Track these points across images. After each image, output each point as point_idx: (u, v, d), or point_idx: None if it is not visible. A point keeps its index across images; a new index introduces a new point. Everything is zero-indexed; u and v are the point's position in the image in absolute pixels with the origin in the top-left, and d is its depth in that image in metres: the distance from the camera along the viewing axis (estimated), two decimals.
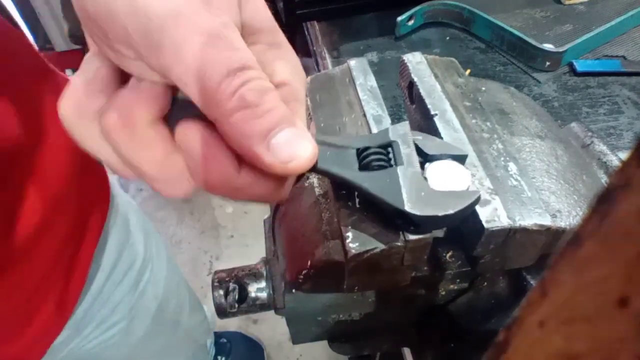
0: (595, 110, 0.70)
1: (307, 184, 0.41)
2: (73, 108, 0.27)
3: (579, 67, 0.76)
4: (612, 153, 0.47)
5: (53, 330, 0.56)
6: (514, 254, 0.35)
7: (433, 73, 0.44)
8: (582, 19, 0.85)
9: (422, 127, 0.43)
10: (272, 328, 1.47)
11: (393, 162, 0.33)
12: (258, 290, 0.44)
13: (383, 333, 0.50)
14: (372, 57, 0.84)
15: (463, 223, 0.36)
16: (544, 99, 0.73)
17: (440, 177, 0.32)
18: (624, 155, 0.21)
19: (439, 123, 0.39)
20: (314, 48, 0.89)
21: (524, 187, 0.35)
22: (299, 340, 0.48)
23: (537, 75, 0.77)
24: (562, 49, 0.76)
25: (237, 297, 0.43)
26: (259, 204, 0.32)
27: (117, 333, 0.67)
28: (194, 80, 0.24)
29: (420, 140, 0.34)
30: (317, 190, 0.39)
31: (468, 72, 0.78)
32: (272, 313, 0.45)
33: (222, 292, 0.44)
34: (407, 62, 0.45)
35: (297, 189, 0.42)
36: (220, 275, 0.45)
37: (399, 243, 0.32)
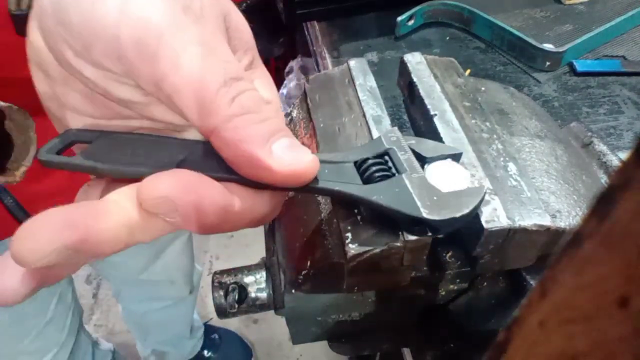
0: (595, 110, 0.70)
1: None
2: None
3: (579, 67, 0.76)
4: (612, 153, 0.47)
5: None
6: (514, 254, 0.35)
7: (432, 73, 0.44)
8: (582, 19, 0.85)
9: (421, 127, 0.43)
10: (272, 328, 1.47)
11: (394, 170, 0.32)
12: (258, 290, 0.44)
13: (383, 333, 0.50)
14: (372, 57, 0.84)
15: (464, 224, 0.36)
16: (544, 99, 0.73)
17: (440, 178, 0.33)
18: (624, 155, 0.21)
19: (439, 123, 0.39)
20: (314, 48, 0.89)
21: (524, 187, 0.35)
22: (299, 340, 0.48)
23: (537, 75, 0.77)
24: (562, 49, 0.76)
25: (237, 297, 0.43)
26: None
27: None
28: (191, 89, 0.24)
29: (414, 144, 0.34)
30: None
31: (468, 72, 0.78)
32: (272, 313, 0.45)
33: (222, 292, 0.44)
34: (406, 62, 0.45)
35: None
36: (220, 275, 0.45)
37: (399, 243, 0.31)
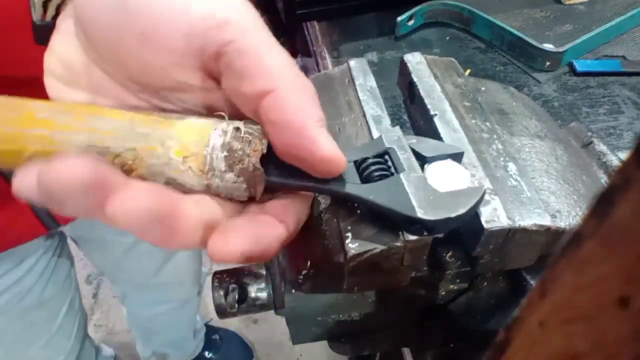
0: (595, 110, 0.70)
1: None
2: None
3: (579, 67, 0.76)
4: (612, 153, 0.47)
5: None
6: (514, 254, 0.35)
7: (433, 73, 0.44)
8: (582, 19, 0.85)
9: (421, 127, 0.43)
10: (272, 328, 1.47)
11: (393, 169, 0.32)
12: (258, 290, 0.44)
13: (383, 333, 0.50)
14: (372, 57, 0.84)
15: (463, 223, 0.36)
16: (544, 99, 0.73)
17: (441, 178, 0.33)
18: (624, 155, 0.21)
19: (439, 123, 0.39)
20: (314, 48, 0.89)
21: (524, 187, 0.35)
22: (299, 340, 0.48)
23: (537, 75, 0.77)
24: (562, 49, 0.76)
25: (237, 297, 0.43)
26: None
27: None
28: (255, 49, 0.27)
29: (415, 144, 0.34)
30: None
31: (468, 72, 0.78)
32: (272, 313, 0.45)
33: (222, 292, 0.44)
34: (406, 62, 0.45)
35: None
36: (220, 275, 0.45)
37: (399, 243, 0.32)
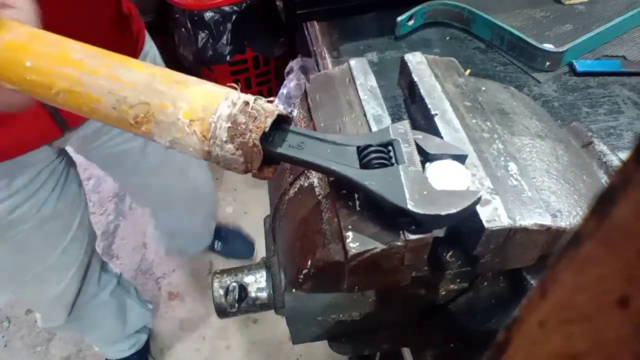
0: (595, 110, 0.70)
1: (307, 184, 0.40)
2: None
3: (579, 67, 0.76)
4: (612, 153, 0.47)
5: None
6: (514, 254, 0.35)
7: (433, 73, 0.44)
8: (582, 19, 0.85)
9: (422, 126, 0.43)
10: (272, 328, 1.47)
11: (394, 160, 0.33)
12: (258, 290, 0.44)
13: (383, 333, 0.50)
14: (372, 57, 0.84)
15: (463, 223, 0.36)
16: (544, 99, 0.73)
17: (441, 176, 0.33)
18: (624, 155, 0.21)
19: (439, 123, 0.39)
20: (314, 48, 0.89)
21: (525, 187, 0.35)
22: (299, 340, 0.48)
23: (537, 75, 0.77)
24: (562, 49, 0.76)
25: (237, 296, 0.43)
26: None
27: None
28: None
29: (421, 140, 0.34)
30: (317, 190, 0.39)
31: (468, 72, 0.78)
32: (272, 313, 0.45)
33: (222, 292, 0.44)
34: (407, 62, 0.45)
35: (297, 189, 0.42)
36: (220, 275, 0.45)
37: (400, 243, 0.32)
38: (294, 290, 0.41)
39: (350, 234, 0.32)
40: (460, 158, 0.34)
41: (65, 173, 0.85)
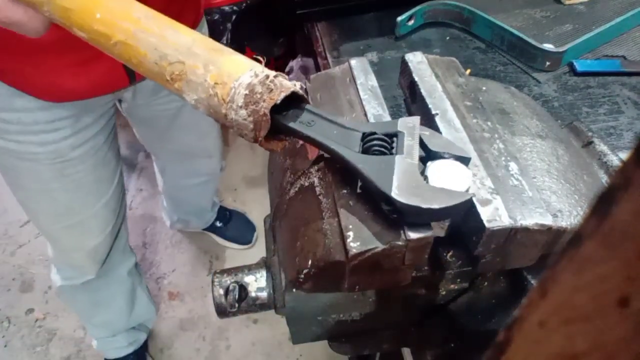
0: (595, 110, 0.70)
1: (307, 184, 0.41)
2: None
3: (579, 67, 0.76)
4: (612, 153, 0.47)
5: None
6: (515, 254, 0.35)
7: (434, 73, 0.44)
8: (582, 19, 0.85)
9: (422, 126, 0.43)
10: (272, 328, 1.47)
11: (394, 150, 0.34)
12: (258, 290, 0.44)
13: (383, 333, 0.50)
14: (372, 57, 0.84)
15: (464, 222, 0.36)
16: (544, 99, 0.73)
17: (442, 175, 0.33)
18: (624, 155, 0.21)
19: (440, 122, 0.39)
20: (314, 48, 0.89)
21: (525, 186, 0.35)
22: (299, 340, 0.48)
23: (537, 75, 0.77)
24: (562, 49, 0.75)
25: (237, 296, 0.43)
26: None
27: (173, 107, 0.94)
28: None
29: (427, 136, 0.35)
30: (317, 190, 0.39)
31: (468, 72, 0.78)
32: (272, 313, 0.45)
33: (222, 292, 0.44)
34: (408, 61, 0.45)
35: (297, 189, 0.42)
36: (220, 275, 0.45)
37: (400, 242, 0.32)
38: (294, 290, 0.41)
39: (351, 234, 0.32)
40: (464, 160, 0.34)
41: (115, 126, 0.92)
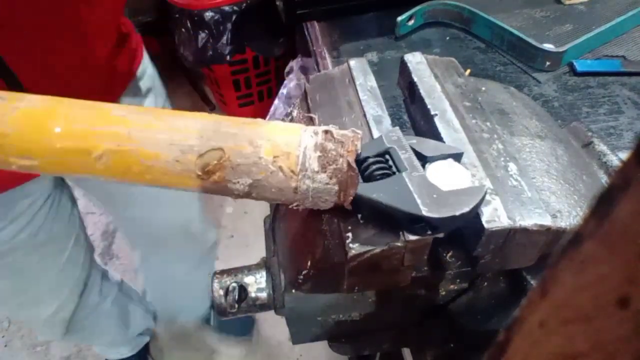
0: (595, 110, 0.70)
1: None
2: None
3: (579, 67, 0.76)
4: (612, 153, 0.47)
5: None
6: (514, 254, 0.35)
7: (433, 73, 0.44)
8: (582, 19, 0.85)
9: (422, 127, 0.43)
10: (272, 328, 1.47)
11: (395, 169, 0.33)
12: (258, 290, 0.44)
13: (383, 333, 0.50)
14: (372, 57, 0.84)
15: (465, 222, 0.36)
16: (544, 99, 0.73)
17: (441, 177, 0.33)
18: (624, 155, 0.21)
19: (439, 123, 0.39)
20: (314, 48, 0.89)
21: (524, 187, 0.35)
22: (299, 340, 0.48)
23: (537, 75, 0.77)
24: (562, 49, 0.75)
25: (237, 297, 0.43)
26: None
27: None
28: None
29: (416, 144, 0.34)
30: None
31: (468, 72, 0.78)
32: (272, 313, 0.45)
33: (222, 292, 0.44)
34: (407, 62, 0.45)
35: None
36: (220, 275, 0.45)
37: (399, 243, 0.31)
38: (294, 291, 0.41)
39: (350, 235, 0.32)
40: (456, 157, 0.34)
41: (59, 194, 0.85)
